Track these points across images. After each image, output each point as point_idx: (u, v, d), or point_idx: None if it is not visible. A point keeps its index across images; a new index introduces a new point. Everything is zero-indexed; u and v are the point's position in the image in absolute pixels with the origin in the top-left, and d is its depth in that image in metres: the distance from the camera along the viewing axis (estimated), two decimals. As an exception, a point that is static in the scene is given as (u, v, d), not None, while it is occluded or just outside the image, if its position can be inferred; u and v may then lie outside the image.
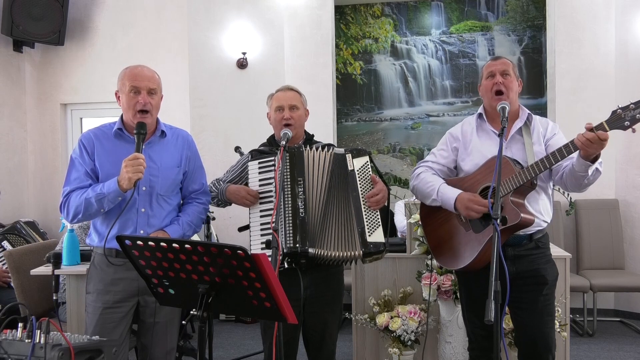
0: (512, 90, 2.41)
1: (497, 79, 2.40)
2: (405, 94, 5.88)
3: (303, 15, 5.48)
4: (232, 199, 2.53)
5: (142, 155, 2.25)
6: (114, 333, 2.33)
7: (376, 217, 2.41)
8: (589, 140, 2.09)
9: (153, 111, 2.36)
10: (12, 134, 5.36)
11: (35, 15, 5.06)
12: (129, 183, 2.21)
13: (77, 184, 2.36)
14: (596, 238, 4.93)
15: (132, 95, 2.33)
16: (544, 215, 2.40)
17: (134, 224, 2.37)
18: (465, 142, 2.51)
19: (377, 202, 2.40)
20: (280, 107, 2.54)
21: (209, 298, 1.69)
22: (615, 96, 5.00)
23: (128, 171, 2.20)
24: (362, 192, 2.41)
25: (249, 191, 2.46)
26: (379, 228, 2.39)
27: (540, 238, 2.42)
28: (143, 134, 2.30)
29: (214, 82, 5.32)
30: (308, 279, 2.42)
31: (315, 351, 2.57)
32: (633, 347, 4.27)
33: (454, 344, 3.13)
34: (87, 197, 2.28)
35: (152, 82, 2.37)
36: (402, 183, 5.77)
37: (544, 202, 2.42)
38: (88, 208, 2.29)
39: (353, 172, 2.43)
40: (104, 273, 2.38)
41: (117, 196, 2.26)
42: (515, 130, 2.42)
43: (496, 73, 2.41)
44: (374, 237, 2.37)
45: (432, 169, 2.56)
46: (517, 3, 5.67)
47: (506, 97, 2.38)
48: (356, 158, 2.45)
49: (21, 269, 3.45)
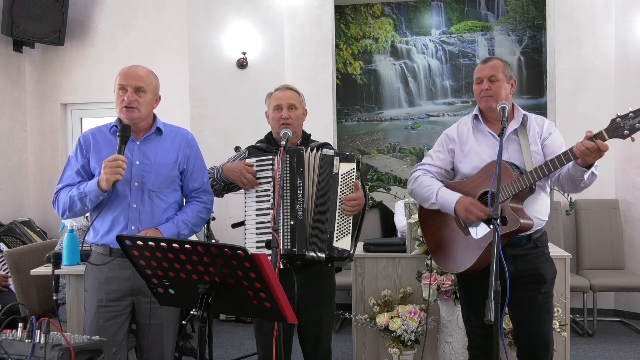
0: (501, 95, 2.39)
1: (483, 85, 2.40)
2: (405, 94, 5.88)
3: (303, 15, 5.48)
4: (229, 175, 2.49)
5: (123, 157, 2.27)
6: (110, 331, 2.33)
7: (347, 224, 2.39)
8: (588, 150, 2.09)
9: (141, 108, 2.36)
10: (12, 134, 5.36)
11: (35, 15, 5.07)
12: (107, 184, 2.24)
13: (68, 182, 2.41)
14: (596, 238, 4.93)
15: (119, 93, 2.36)
16: (542, 215, 2.40)
17: (126, 219, 2.37)
18: (461, 144, 2.50)
19: (352, 207, 2.38)
20: (278, 106, 2.53)
21: (209, 298, 1.69)
22: (615, 96, 5.00)
23: (106, 172, 2.23)
24: (340, 196, 2.39)
25: (247, 167, 2.43)
26: (347, 236, 2.38)
27: (539, 237, 2.42)
28: (126, 136, 2.32)
29: (214, 82, 5.31)
30: (301, 277, 2.42)
31: (311, 349, 2.56)
32: (633, 347, 4.27)
33: (454, 344, 3.13)
34: (72, 195, 2.34)
35: (140, 80, 2.37)
36: (402, 183, 5.76)
37: (542, 202, 2.42)
38: (72, 206, 2.35)
39: (337, 175, 2.40)
40: (98, 271, 2.39)
41: (98, 196, 2.30)
42: (510, 130, 2.41)
43: (483, 79, 2.41)
44: (341, 243, 2.36)
45: (430, 172, 2.54)
46: (517, 3, 5.66)
47: (493, 103, 2.38)
48: (343, 163, 2.42)
49: (21, 269, 3.45)
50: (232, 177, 2.48)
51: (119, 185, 2.34)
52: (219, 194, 2.65)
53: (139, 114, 2.36)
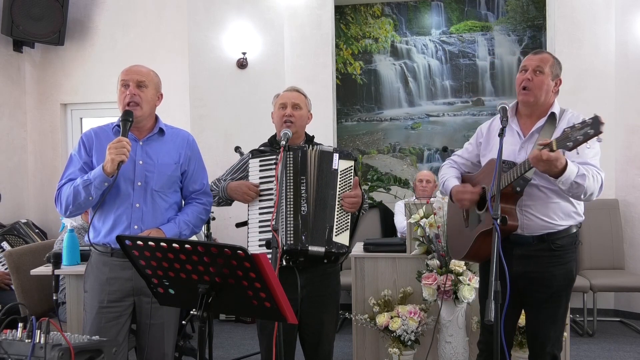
0: (541, 89, 2.33)
1: (526, 75, 2.35)
2: (405, 94, 5.88)
3: (303, 15, 5.48)
4: (233, 195, 2.54)
5: (127, 139, 2.26)
6: (111, 332, 2.32)
7: (346, 220, 2.43)
8: (535, 158, 2.07)
9: (143, 104, 2.37)
10: (12, 134, 5.36)
11: (35, 15, 5.06)
12: (112, 165, 2.21)
13: (70, 177, 2.39)
14: (596, 238, 4.93)
15: (122, 90, 2.38)
16: (555, 219, 2.32)
17: (128, 218, 2.37)
18: (489, 138, 2.51)
19: (350, 205, 2.42)
20: (283, 104, 2.57)
21: (209, 298, 1.68)
22: (615, 96, 5.00)
23: (111, 153, 2.22)
24: (339, 192, 2.42)
25: (250, 187, 2.48)
26: (346, 231, 2.41)
27: (556, 240, 2.33)
28: (130, 121, 2.32)
29: (214, 82, 5.31)
30: (304, 277, 2.43)
31: (312, 351, 2.56)
32: (633, 347, 4.27)
33: (454, 344, 3.13)
34: (75, 184, 2.30)
35: (141, 75, 2.39)
36: (402, 183, 5.77)
37: (557, 206, 2.33)
38: (77, 197, 2.29)
39: (336, 171, 2.44)
40: (99, 272, 2.39)
41: (103, 181, 2.25)
42: (535, 128, 2.37)
43: (529, 68, 2.36)
44: (340, 238, 2.39)
45: (456, 162, 2.65)
46: (517, 3, 5.67)
47: (532, 95, 2.33)
48: (342, 160, 2.46)
49: (21, 269, 3.45)
50: (236, 197, 2.55)
51: (122, 184, 2.35)
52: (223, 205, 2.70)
53: (141, 111, 2.37)
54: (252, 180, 2.50)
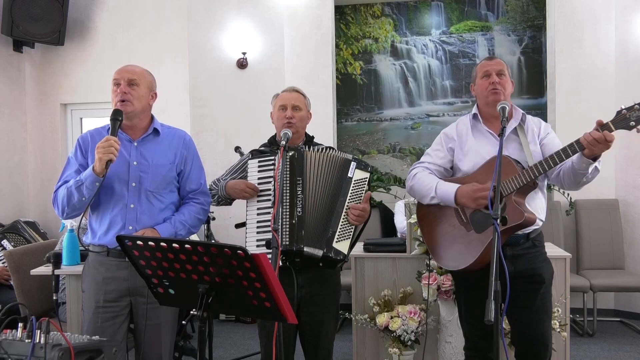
0: (507, 90, 2.44)
1: (493, 78, 2.41)
2: (405, 94, 5.88)
3: (303, 15, 5.48)
4: (231, 192, 2.54)
5: (115, 138, 2.27)
6: (108, 331, 2.33)
7: (349, 229, 2.42)
8: (595, 140, 2.10)
9: (134, 100, 2.38)
10: (12, 134, 5.36)
11: (35, 15, 5.06)
12: (100, 164, 2.23)
13: (66, 180, 2.40)
14: (596, 238, 4.93)
15: (114, 89, 2.40)
16: (540, 213, 2.41)
17: (123, 219, 2.37)
18: (461, 143, 2.52)
19: (356, 217, 2.40)
20: (283, 106, 2.57)
21: (209, 298, 1.69)
22: (615, 96, 5.00)
23: (99, 152, 2.23)
24: (348, 201, 2.41)
25: (248, 184, 2.48)
26: (347, 240, 2.41)
27: (536, 237, 2.43)
28: (119, 120, 2.33)
29: (214, 82, 5.31)
30: (303, 278, 2.44)
31: (311, 351, 2.56)
32: (633, 347, 4.27)
33: (454, 344, 3.13)
34: (68, 186, 2.33)
35: (133, 73, 2.40)
36: (402, 183, 5.76)
37: (540, 201, 2.43)
38: (70, 198, 2.31)
39: (350, 179, 2.43)
40: (96, 271, 2.40)
41: (94, 181, 2.26)
42: (510, 130, 2.43)
43: (492, 72, 2.43)
44: (340, 245, 2.38)
45: (429, 169, 2.55)
46: (517, 3, 5.66)
47: (502, 97, 2.40)
48: (359, 170, 2.46)
49: (21, 269, 3.45)
50: (234, 194, 2.54)
51: (116, 185, 2.35)
52: (223, 204, 2.70)
53: (132, 107, 2.37)
54: (250, 181, 2.50)
